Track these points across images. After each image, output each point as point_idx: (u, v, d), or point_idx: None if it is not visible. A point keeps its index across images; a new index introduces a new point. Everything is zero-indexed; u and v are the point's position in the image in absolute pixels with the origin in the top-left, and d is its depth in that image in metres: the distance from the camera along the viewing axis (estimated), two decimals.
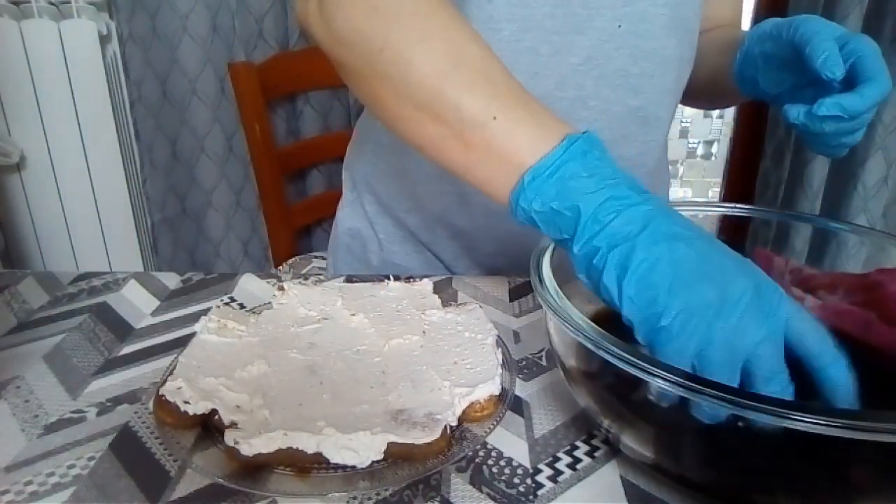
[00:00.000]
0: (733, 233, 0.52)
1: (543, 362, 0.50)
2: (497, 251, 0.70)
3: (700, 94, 0.71)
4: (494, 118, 0.41)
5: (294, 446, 0.37)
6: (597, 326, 0.35)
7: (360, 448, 0.37)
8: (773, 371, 0.33)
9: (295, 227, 1.30)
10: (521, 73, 0.44)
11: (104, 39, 1.40)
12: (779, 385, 0.33)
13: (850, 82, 0.48)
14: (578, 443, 0.42)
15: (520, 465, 0.40)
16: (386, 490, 0.37)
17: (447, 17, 0.44)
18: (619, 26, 0.58)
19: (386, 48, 0.43)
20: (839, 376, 0.34)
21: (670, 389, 0.31)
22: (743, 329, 0.33)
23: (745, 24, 1.25)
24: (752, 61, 0.57)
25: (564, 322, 0.36)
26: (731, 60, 0.59)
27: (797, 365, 0.34)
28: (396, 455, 0.38)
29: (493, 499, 0.37)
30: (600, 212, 0.37)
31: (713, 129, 2.02)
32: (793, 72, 0.53)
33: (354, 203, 0.77)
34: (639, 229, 0.36)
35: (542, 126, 0.41)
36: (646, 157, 0.67)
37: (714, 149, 2.04)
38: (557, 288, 0.39)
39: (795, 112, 0.49)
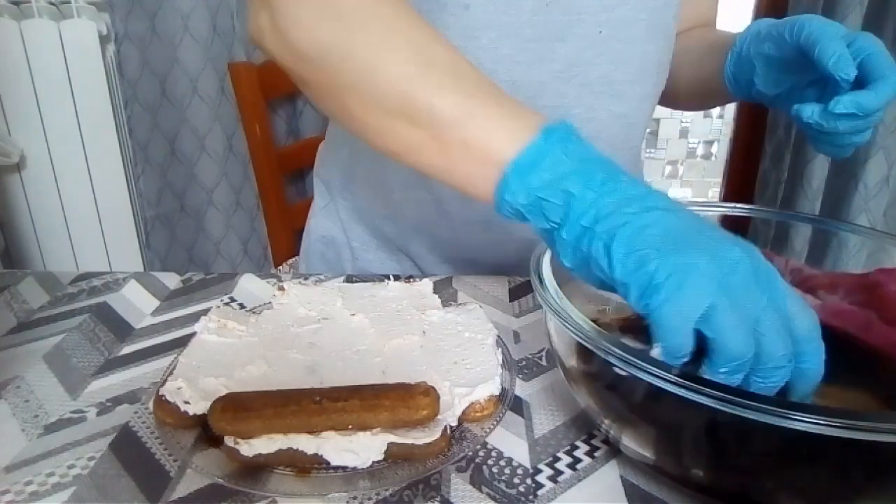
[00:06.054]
0: (733, 233, 0.52)
1: (543, 362, 0.50)
2: (476, 259, 0.69)
3: (685, 96, 0.70)
4: (469, 116, 0.40)
5: (294, 447, 0.37)
6: (597, 326, 0.35)
7: (360, 449, 0.37)
8: (782, 339, 0.32)
9: (295, 227, 1.30)
10: (500, 82, 0.43)
11: (104, 39, 1.39)
12: (784, 354, 0.32)
13: (858, 81, 0.47)
14: (578, 443, 0.42)
15: (520, 465, 0.40)
16: (386, 490, 0.37)
17: (407, 19, 0.43)
18: (601, 32, 0.58)
19: (348, 57, 0.42)
20: (812, 369, 0.33)
21: (669, 389, 0.31)
22: (748, 290, 0.32)
23: (746, 22, 1.24)
24: (746, 63, 0.56)
25: (564, 322, 0.36)
26: (721, 62, 0.59)
27: None
28: (397, 455, 0.38)
29: (493, 499, 0.37)
30: (587, 192, 0.36)
31: (713, 129, 2.01)
32: (794, 73, 0.52)
33: (328, 210, 0.76)
34: (627, 202, 0.35)
35: (517, 118, 0.40)
36: (629, 164, 0.66)
37: (714, 149, 2.03)
38: (557, 288, 0.39)
39: (809, 111, 0.49)
